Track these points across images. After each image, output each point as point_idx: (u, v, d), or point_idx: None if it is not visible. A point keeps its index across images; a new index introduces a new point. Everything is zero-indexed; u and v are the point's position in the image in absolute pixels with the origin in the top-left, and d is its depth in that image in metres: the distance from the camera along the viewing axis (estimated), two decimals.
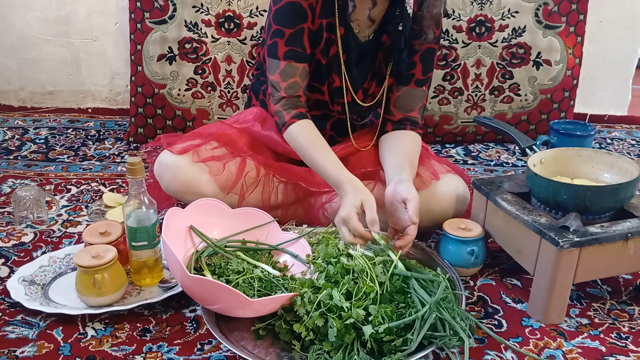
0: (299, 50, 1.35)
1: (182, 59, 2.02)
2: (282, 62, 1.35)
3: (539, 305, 1.17)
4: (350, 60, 1.41)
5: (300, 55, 1.35)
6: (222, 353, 1.08)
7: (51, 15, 2.23)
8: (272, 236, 1.28)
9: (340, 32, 1.37)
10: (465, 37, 2.01)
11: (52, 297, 1.21)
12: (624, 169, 1.24)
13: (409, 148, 1.41)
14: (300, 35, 1.34)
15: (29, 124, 2.23)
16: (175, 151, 1.40)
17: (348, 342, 1.01)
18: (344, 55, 1.39)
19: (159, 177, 1.43)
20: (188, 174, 1.38)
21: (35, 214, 1.52)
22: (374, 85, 1.45)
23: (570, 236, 1.10)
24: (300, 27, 1.34)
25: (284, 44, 1.34)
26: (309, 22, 1.34)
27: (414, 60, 1.41)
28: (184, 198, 1.41)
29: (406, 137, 1.44)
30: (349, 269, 1.11)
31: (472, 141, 2.12)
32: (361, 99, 1.46)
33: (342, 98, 1.44)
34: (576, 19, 2.03)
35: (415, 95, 1.45)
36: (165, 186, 1.42)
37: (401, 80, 1.44)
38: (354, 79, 1.43)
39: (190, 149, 1.41)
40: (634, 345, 1.12)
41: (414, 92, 1.44)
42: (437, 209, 1.38)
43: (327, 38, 1.37)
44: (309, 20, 1.34)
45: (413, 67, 1.42)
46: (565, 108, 2.10)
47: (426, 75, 1.44)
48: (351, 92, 1.43)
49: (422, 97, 1.46)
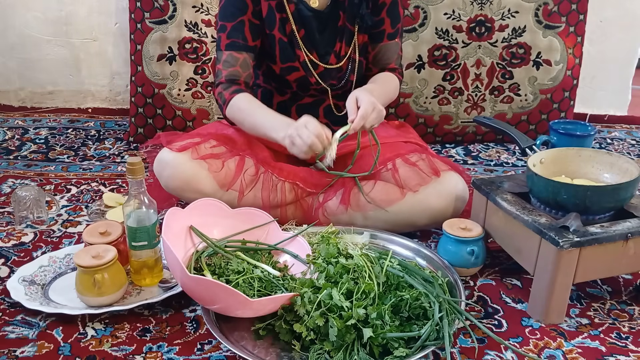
0: (239, 41, 1.44)
1: (182, 59, 2.02)
2: (224, 53, 1.45)
3: (539, 305, 1.17)
4: (312, 29, 1.46)
5: (240, 45, 1.44)
6: (222, 353, 1.08)
7: (51, 15, 2.23)
8: (272, 236, 1.28)
9: (291, 9, 1.44)
10: (465, 37, 2.01)
11: (52, 297, 1.21)
12: (624, 169, 1.24)
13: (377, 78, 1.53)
14: (241, 27, 1.43)
15: (29, 124, 2.24)
16: (174, 149, 1.41)
17: (349, 342, 1.01)
18: (302, 28, 1.46)
19: (159, 174, 1.43)
20: (187, 170, 1.38)
21: (35, 214, 1.52)
22: (344, 46, 1.50)
23: (570, 236, 1.10)
24: (240, 20, 1.44)
25: (226, 37, 1.45)
26: (249, 14, 1.43)
27: (381, 16, 1.49)
28: (183, 195, 1.41)
29: (381, 74, 1.55)
30: (348, 269, 1.11)
31: (472, 141, 2.12)
32: (335, 62, 1.50)
33: (315, 69, 1.49)
34: (576, 19, 2.03)
35: (390, 50, 1.55)
36: (165, 183, 1.42)
37: (374, 38, 1.53)
38: (322, 45, 1.48)
39: (190, 146, 1.41)
40: (634, 345, 1.12)
41: (388, 46, 1.54)
42: (437, 206, 1.39)
43: (280, 17, 1.44)
44: (249, 11, 1.43)
45: (382, 24, 1.50)
46: (565, 108, 2.10)
47: (395, 27, 1.53)
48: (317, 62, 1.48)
49: (396, 49, 1.56)
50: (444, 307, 1.05)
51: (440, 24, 2.00)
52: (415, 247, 1.33)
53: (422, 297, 1.07)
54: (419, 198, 1.38)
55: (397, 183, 1.40)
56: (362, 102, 1.31)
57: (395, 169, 1.41)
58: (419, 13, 1.99)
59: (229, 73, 1.45)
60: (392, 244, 1.35)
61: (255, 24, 1.45)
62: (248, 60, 1.46)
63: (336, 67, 1.50)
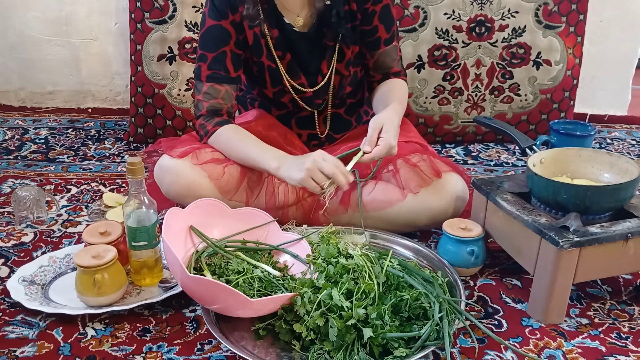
0: (221, 73, 1.41)
1: (182, 59, 2.02)
2: (205, 85, 1.41)
3: (539, 305, 1.17)
4: (299, 51, 1.44)
5: (222, 77, 1.41)
6: (222, 353, 1.08)
7: (51, 15, 2.23)
8: (272, 236, 1.28)
9: (274, 33, 1.41)
10: (465, 37, 2.01)
11: (52, 297, 1.21)
12: (624, 169, 1.24)
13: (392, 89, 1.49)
14: (223, 58, 1.40)
15: (29, 124, 2.24)
16: (175, 155, 1.40)
17: (349, 342, 1.01)
18: (289, 52, 1.43)
19: (160, 181, 1.43)
20: (188, 177, 1.37)
21: (35, 214, 1.52)
22: (335, 63, 1.47)
23: (570, 236, 1.10)
24: (222, 51, 1.40)
25: (207, 68, 1.41)
26: (231, 44, 1.40)
27: (374, 24, 1.45)
28: (185, 202, 1.40)
29: (391, 83, 1.52)
30: (348, 269, 1.11)
31: (472, 141, 2.12)
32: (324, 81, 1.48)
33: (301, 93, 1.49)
34: (576, 19, 2.03)
35: (388, 55, 1.51)
36: (166, 190, 1.42)
37: (370, 47, 1.49)
38: (313, 64, 1.46)
39: (190, 151, 1.40)
40: (634, 345, 1.12)
41: (386, 52, 1.50)
42: (437, 206, 1.38)
43: (266, 44, 1.42)
44: (232, 41, 1.39)
45: (376, 32, 1.46)
46: (565, 108, 2.10)
47: (391, 32, 1.48)
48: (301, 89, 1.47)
49: (395, 52, 1.52)
50: (444, 307, 1.05)
51: (440, 24, 2.00)
52: (415, 247, 1.33)
53: (422, 297, 1.07)
54: (419, 198, 1.38)
55: (397, 184, 1.40)
56: (382, 141, 1.28)
57: (396, 170, 1.41)
58: (419, 13, 1.99)
59: (210, 105, 1.42)
60: (392, 244, 1.35)
61: (237, 54, 1.41)
62: (230, 91, 1.42)
63: (322, 85, 1.48)
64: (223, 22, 1.38)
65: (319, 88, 1.48)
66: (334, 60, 1.46)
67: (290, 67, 1.45)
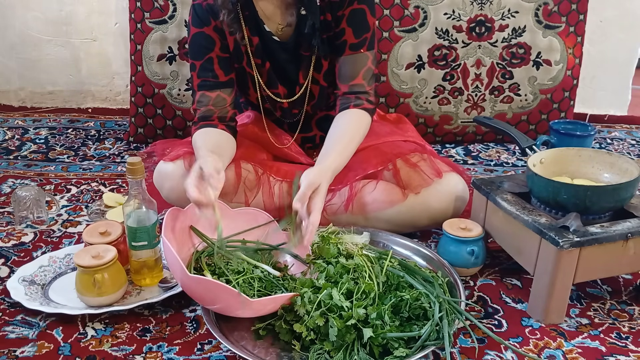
0: (209, 80, 1.41)
1: (182, 59, 2.01)
2: (197, 93, 1.42)
3: (539, 305, 1.17)
4: (279, 59, 1.44)
5: (211, 84, 1.41)
6: (222, 353, 1.08)
7: (51, 15, 2.24)
8: (272, 236, 1.28)
9: (255, 41, 1.41)
10: (465, 37, 2.01)
11: (52, 297, 1.21)
12: (624, 169, 1.24)
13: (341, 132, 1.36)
14: (210, 65, 1.40)
15: (29, 124, 2.24)
16: (168, 159, 1.40)
17: (349, 342, 1.01)
18: (268, 60, 1.43)
19: (159, 187, 1.43)
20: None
21: (35, 214, 1.52)
22: (312, 72, 1.46)
23: (570, 236, 1.10)
24: (209, 57, 1.40)
25: (197, 76, 1.42)
26: (216, 50, 1.39)
27: (341, 27, 1.39)
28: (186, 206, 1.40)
29: (344, 120, 1.39)
30: (348, 269, 1.11)
31: (472, 141, 2.12)
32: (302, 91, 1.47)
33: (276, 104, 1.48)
34: (576, 19, 2.03)
35: (354, 62, 1.40)
36: (166, 195, 1.42)
37: (336, 51, 1.42)
38: (292, 72, 1.45)
39: (182, 155, 1.40)
40: (634, 345, 1.12)
41: (352, 58, 1.40)
42: (437, 206, 1.38)
43: (246, 51, 1.41)
44: (216, 47, 1.39)
45: (343, 34, 1.39)
46: (565, 108, 2.10)
47: (361, 37, 1.39)
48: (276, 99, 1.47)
49: (363, 61, 1.40)
50: (444, 307, 1.05)
51: (440, 24, 2.00)
52: (415, 247, 1.33)
53: (422, 297, 1.07)
54: (420, 198, 1.38)
55: (398, 184, 1.40)
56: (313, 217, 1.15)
57: (397, 169, 1.41)
58: (419, 13, 1.99)
59: (201, 112, 1.42)
60: (392, 244, 1.35)
61: (224, 57, 1.41)
62: (222, 95, 1.41)
63: (299, 96, 1.47)
64: (206, 29, 1.39)
65: (295, 99, 1.47)
66: (310, 71, 1.44)
67: (269, 76, 1.45)
